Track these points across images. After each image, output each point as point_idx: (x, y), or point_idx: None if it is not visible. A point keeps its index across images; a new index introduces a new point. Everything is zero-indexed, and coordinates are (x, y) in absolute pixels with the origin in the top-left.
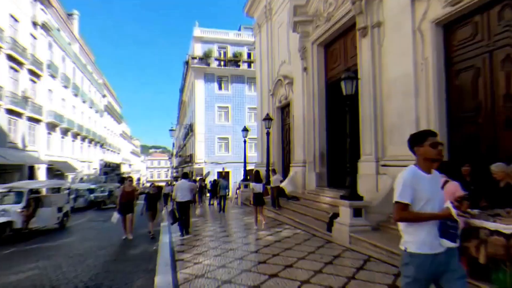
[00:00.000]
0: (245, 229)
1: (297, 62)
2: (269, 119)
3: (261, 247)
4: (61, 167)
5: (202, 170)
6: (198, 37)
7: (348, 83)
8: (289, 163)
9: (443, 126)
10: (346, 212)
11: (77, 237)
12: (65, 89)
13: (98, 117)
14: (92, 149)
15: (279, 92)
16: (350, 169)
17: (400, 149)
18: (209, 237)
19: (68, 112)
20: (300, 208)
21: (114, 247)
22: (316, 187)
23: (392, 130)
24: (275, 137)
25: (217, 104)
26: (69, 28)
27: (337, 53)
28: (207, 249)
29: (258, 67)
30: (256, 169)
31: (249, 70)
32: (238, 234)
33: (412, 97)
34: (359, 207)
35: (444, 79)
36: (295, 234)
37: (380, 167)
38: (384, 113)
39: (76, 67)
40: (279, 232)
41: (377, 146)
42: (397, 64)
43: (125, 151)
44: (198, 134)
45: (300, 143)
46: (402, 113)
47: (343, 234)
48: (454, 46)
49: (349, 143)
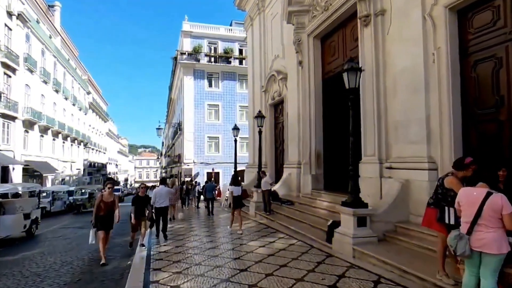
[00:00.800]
0: (234, 238)
1: (291, 56)
2: (261, 117)
3: (252, 263)
4: (39, 168)
5: (190, 171)
6: (187, 32)
7: (351, 75)
8: (282, 164)
9: (457, 125)
10: (348, 221)
11: (43, 249)
12: (44, 85)
13: (82, 115)
14: (75, 149)
15: (272, 88)
16: (353, 171)
17: (408, 150)
18: (193, 249)
19: (48, 109)
20: (295, 213)
21: (81, 262)
22: (312, 190)
23: (398, 129)
24: (267, 136)
25: (207, 102)
26: (49, 20)
27: (335, 45)
28: (189, 265)
29: (250, 62)
30: (234, 172)
31: (240, 67)
32: (226, 246)
33: (422, 92)
34: (364, 215)
35: (459, 71)
36: (291, 245)
37: (384, 169)
38: (389, 109)
39: (58, 61)
40: (272, 242)
41: (380, 146)
42: (404, 55)
43: (112, 151)
44: (187, 133)
45: (295, 142)
46: (409, 110)
47: (345, 246)
48: (471, 34)
49: (352, 142)
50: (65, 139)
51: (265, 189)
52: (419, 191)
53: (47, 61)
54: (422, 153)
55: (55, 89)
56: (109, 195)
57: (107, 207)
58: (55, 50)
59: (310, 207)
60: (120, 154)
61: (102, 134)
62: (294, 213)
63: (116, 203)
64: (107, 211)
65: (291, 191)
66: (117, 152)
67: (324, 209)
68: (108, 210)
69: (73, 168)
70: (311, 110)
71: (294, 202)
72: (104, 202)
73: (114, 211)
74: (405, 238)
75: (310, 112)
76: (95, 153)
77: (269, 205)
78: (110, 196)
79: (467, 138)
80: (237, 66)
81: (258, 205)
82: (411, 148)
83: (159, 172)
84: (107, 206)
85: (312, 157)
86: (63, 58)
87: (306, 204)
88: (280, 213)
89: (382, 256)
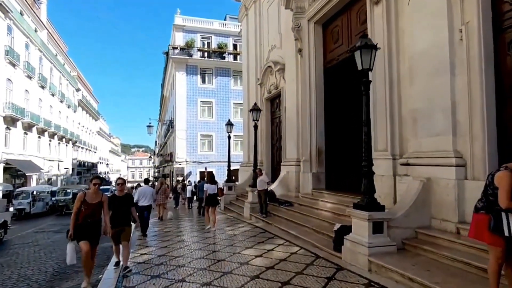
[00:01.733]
0: (226, 245)
1: (289, 46)
2: (257, 110)
3: (248, 279)
4: (22, 167)
5: (183, 170)
6: (180, 26)
7: (365, 54)
8: (279, 162)
9: (491, 113)
10: (362, 226)
11: (3, 259)
12: (29, 80)
13: (71, 112)
14: (63, 147)
15: (268, 81)
16: (367, 168)
17: (429, 143)
18: (177, 259)
19: (33, 106)
20: (295, 216)
21: (42, 277)
22: (313, 190)
23: (416, 119)
24: (263, 133)
25: (199, 99)
26: (35, 13)
27: (338, 31)
28: (170, 282)
29: (245, 54)
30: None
31: (234, 62)
32: (217, 255)
33: (446, 75)
34: (380, 220)
35: (492, 49)
36: (292, 255)
37: (398, 166)
38: (404, 98)
39: (44, 56)
40: (271, 250)
41: (393, 140)
42: (423, 34)
43: (103, 150)
44: (179, 130)
45: (293, 138)
46: (431, 97)
47: (358, 257)
48: (508, 4)
49: (366, 133)
50: (52, 137)
51: (261, 189)
52: (444, 191)
53: (32, 55)
54: (447, 146)
55: (41, 84)
56: (95, 195)
57: (91, 212)
58: (40, 44)
59: (312, 209)
60: (112, 153)
61: (93, 133)
62: (293, 216)
63: (105, 207)
64: (91, 216)
65: (289, 191)
66: (108, 151)
67: (327, 211)
68: (92, 215)
69: (61, 168)
70: (312, 103)
71: (293, 203)
72: (88, 204)
73: (100, 217)
74: (431, 248)
75: (311, 105)
76: (84, 152)
77: (266, 207)
78: (97, 196)
79: (504, 128)
80: (231, 62)
81: (253, 206)
82: (433, 141)
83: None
84: (91, 210)
85: (313, 154)
86: (50, 53)
87: (307, 206)
88: (278, 216)
89: (408, 272)
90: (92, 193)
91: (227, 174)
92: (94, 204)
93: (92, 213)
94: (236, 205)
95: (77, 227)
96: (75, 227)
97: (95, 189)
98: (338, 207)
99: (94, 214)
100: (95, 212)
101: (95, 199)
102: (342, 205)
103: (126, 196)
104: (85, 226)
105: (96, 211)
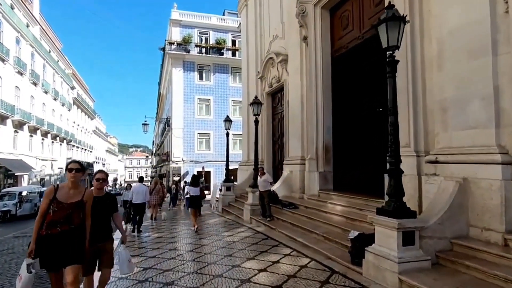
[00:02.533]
0: (224, 255)
1: (293, 35)
2: (258, 103)
3: None
4: (12, 166)
5: (179, 170)
6: (176, 21)
7: (392, 28)
8: (281, 161)
9: None
10: (389, 236)
11: None
12: (20, 76)
13: (65, 110)
14: (56, 147)
15: (270, 74)
16: (394, 165)
17: (465, 137)
18: (167, 274)
19: (24, 103)
20: (300, 220)
21: None
22: (319, 191)
23: (446, 109)
24: (264, 130)
25: (197, 96)
26: (27, 8)
27: (348, 15)
28: None
29: (244, 47)
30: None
31: (233, 59)
32: (214, 269)
33: (487, 56)
34: (412, 229)
35: None
36: (303, 268)
37: (425, 165)
38: (429, 86)
39: (36, 52)
40: (277, 262)
41: (417, 134)
42: (456, 10)
43: (99, 149)
44: (175, 129)
45: (297, 134)
46: (466, 82)
47: (386, 274)
48: None
49: (393, 124)
50: (45, 135)
51: (264, 190)
52: (486, 194)
53: (23, 51)
54: (487, 140)
55: (33, 81)
56: (73, 190)
57: (65, 216)
58: (32, 39)
59: (320, 212)
60: (109, 153)
61: (89, 132)
62: (299, 220)
63: (87, 209)
64: (65, 223)
65: (293, 191)
66: (105, 151)
67: (338, 215)
68: (67, 222)
69: (55, 167)
70: (318, 95)
71: (298, 206)
72: (60, 204)
73: (79, 225)
74: (475, 263)
75: (317, 98)
76: (80, 151)
77: (269, 209)
78: (76, 193)
79: None
80: (230, 58)
81: (253, 208)
82: (468, 135)
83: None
84: (65, 213)
85: (319, 151)
86: (43, 49)
87: (313, 208)
88: (282, 219)
89: None
90: (68, 188)
91: (225, 174)
92: (71, 205)
93: (66, 218)
94: (235, 206)
95: (42, 240)
96: (38, 240)
97: (74, 182)
98: (350, 211)
99: (69, 219)
100: (72, 216)
101: (72, 197)
102: (354, 208)
103: (107, 198)
104: (55, 240)
105: (73, 216)
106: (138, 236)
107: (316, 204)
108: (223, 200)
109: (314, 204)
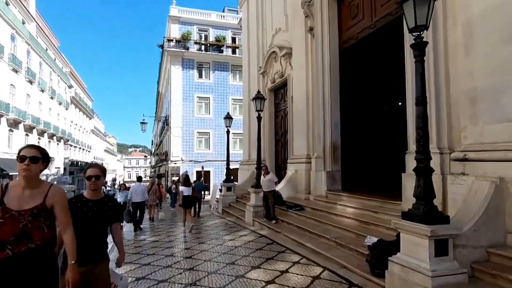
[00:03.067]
0: (225, 263)
1: (297, 27)
2: (260, 98)
3: None
4: (6, 166)
5: (178, 170)
6: (175, 17)
7: (421, 4)
8: (284, 160)
9: None
10: (418, 245)
11: None
12: (15, 74)
13: (63, 109)
14: (53, 146)
15: (272, 69)
16: (423, 163)
17: (499, 131)
18: (162, 284)
19: (20, 101)
20: (307, 223)
21: None
22: (327, 192)
23: (476, 100)
24: (266, 127)
25: (196, 94)
26: (22, 4)
27: (357, 4)
28: None
29: (245, 42)
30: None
31: (233, 56)
32: (215, 280)
33: None
34: (446, 237)
35: None
36: (316, 280)
37: (451, 163)
38: (454, 75)
39: (32, 49)
40: (285, 272)
41: (440, 129)
42: None
43: (98, 149)
44: (174, 128)
45: (302, 132)
46: (500, 70)
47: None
48: None
49: (421, 115)
50: (41, 134)
51: (268, 190)
52: None
53: (18, 48)
54: None
55: (29, 79)
56: (31, 188)
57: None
58: (28, 36)
59: (329, 215)
60: (108, 153)
61: (87, 131)
62: (306, 223)
63: (58, 215)
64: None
65: (298, 192)
66: (104, 150)
67: (350, 218)
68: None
69: (52, 167)
70: (325, 90)
71: (305, 207)
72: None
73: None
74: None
75: (324, 93)
76: (78, 151)
77: (274, 211)
78: (35, 195)
79: None
80: (230, 56)
81: (256, 210)
82: (504, 128)
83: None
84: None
85: (327, 149)
86: (39, 47)
87: (321, 210)
88: (287, 222)
89: None
90: (20, 187)
91: (225, 174)
92: (26, 213)
93: (21, 233)
94: (235, 208)
95: None
96: None
97: (28, 177)
98: (363, 213)
99: (26, 235)
100: (29, 230)
101: (27, 201)
102: (368, 211)
103: (105, 202)
104: (3, 268)
105: (32, 229)
106: (134, 239)
107: (324, 205)
108: (224, 200)
109: (321, 206)
